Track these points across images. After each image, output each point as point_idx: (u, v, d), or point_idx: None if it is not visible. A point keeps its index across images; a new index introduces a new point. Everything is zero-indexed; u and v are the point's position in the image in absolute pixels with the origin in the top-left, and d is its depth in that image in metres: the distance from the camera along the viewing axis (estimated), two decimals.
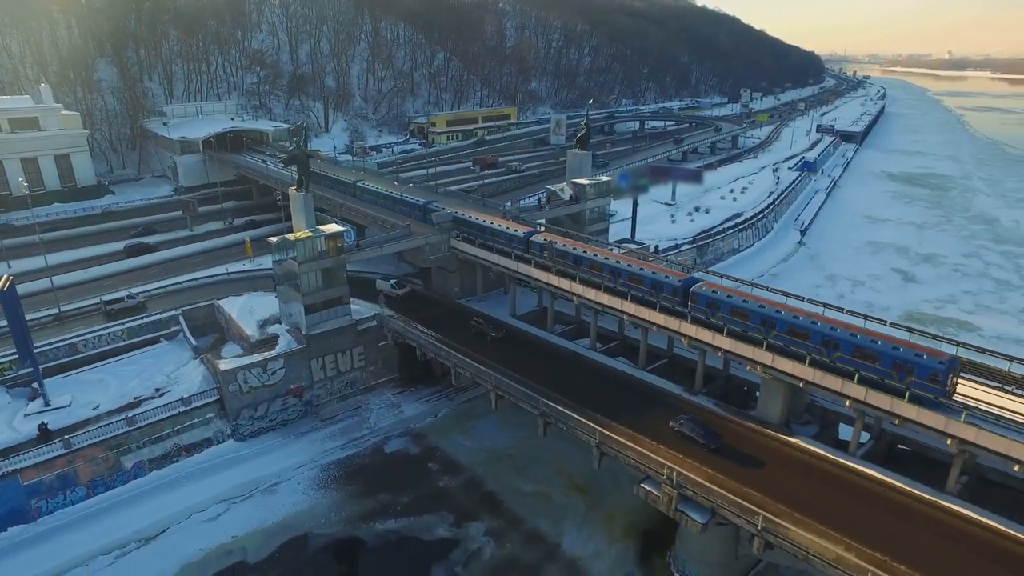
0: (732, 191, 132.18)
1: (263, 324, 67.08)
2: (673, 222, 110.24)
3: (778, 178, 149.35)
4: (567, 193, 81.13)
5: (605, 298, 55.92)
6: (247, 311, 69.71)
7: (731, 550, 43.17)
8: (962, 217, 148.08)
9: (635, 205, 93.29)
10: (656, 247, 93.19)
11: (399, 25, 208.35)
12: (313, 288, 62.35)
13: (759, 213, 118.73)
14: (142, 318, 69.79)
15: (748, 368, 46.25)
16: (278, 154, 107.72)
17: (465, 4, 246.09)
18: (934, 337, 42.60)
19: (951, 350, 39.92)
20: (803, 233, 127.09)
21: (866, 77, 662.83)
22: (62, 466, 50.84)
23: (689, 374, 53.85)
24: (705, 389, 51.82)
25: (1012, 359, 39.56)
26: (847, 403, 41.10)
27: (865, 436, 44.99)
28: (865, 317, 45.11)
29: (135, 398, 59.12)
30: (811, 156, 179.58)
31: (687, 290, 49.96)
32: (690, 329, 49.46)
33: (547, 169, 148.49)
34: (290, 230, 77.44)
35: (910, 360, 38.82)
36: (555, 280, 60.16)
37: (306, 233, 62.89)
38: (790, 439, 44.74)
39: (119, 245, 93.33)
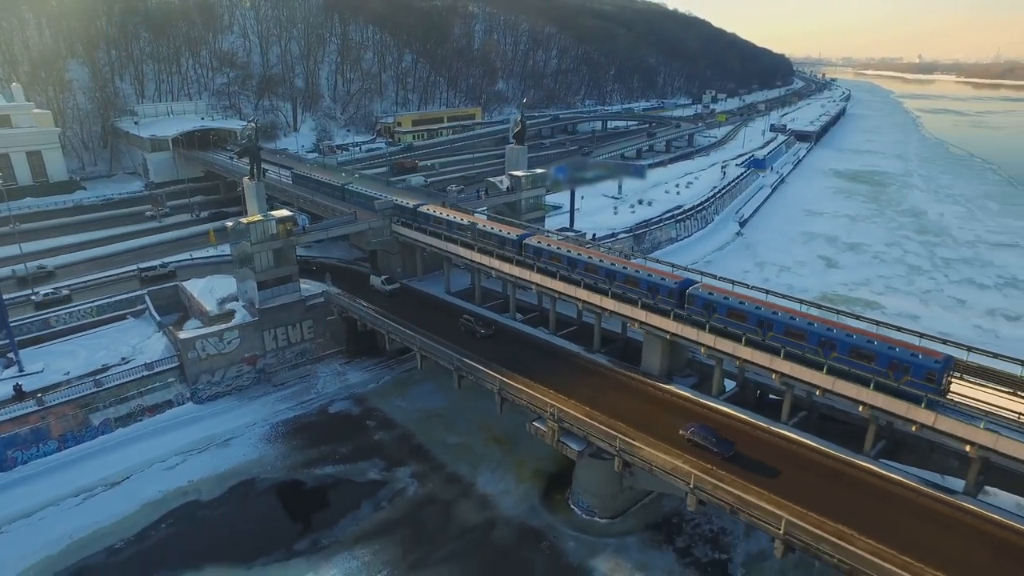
0: (678, 186, 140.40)
1: (222, 301, 73.77)
2: (615, 213, 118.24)
3: (724, 174, 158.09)
4: (505, 184, 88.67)
5: (560, 285, 60.08)
6: (208, 291, 76.30)
7: (616, 482, 50.69)
8: (893, 211, 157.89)
9: (572, 196, 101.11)
10: (593, 235, 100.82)
11: (368, 27, 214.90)
12: (265, 267, 69.35)
13: (698, 206, 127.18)
14: (110, 297, 76.09)
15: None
16: (235, 149, 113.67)
17: (435, 7, 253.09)
18: (922, 335, 43.85)
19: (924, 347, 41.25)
20: (742, 224, 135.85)
21: (833, 80, 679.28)
22: (35, 421, 57.34)
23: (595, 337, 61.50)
24: (603, 349, 59.55)
25: (970, 349, 41.66)
26: (702, 350, 48.81)
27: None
28: (857, 317, 47.87)
29: (103, 365, 65.51)
30: (761, 154, 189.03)
31: (683, 292, 50.70)
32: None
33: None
34: None
35: (906, 360, 39.70)
36: (502, 266, 66.29)
37: (258, 217, 69.80)
38: (665, 386, 52.61)
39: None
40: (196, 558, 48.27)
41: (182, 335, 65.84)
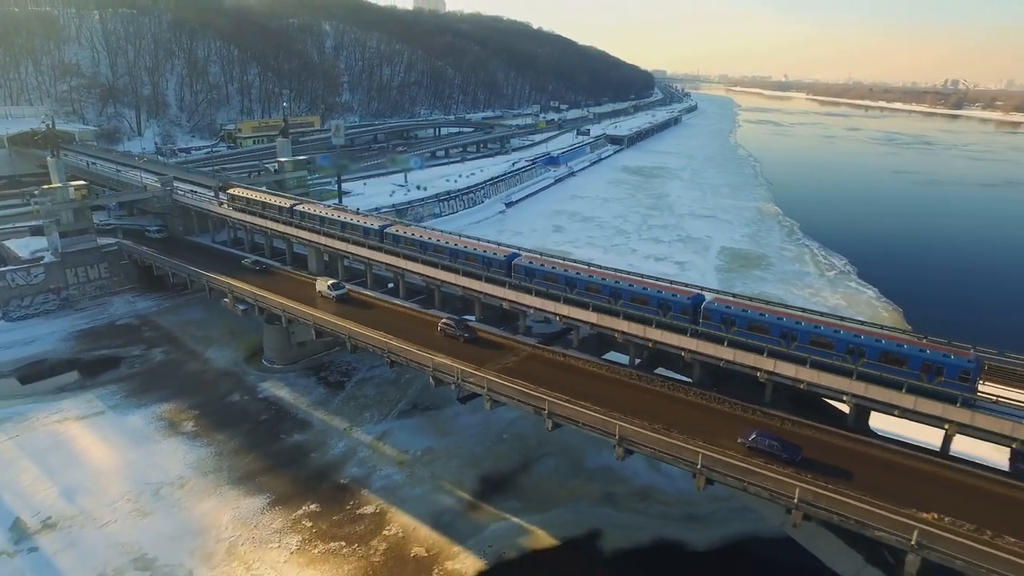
0: (460, 176, 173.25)
1: (35, 252, 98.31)
2: (391, 196, 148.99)
3: (512, 167, 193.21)
4: (274, 168, 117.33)
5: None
6: (24, 245, 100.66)
7: (286, 340, 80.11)
8: (644, 195, 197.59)
9: (339, 180, 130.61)
10: (358, 209, 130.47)
11: (215, 42, 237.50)
12: (66, 221, 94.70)
13: (465, 189, 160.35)
14: None
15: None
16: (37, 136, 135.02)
17: (289, 25, 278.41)
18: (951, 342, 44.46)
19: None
20: (508, 205, 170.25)
21: (688, 93, 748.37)
22: None
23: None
24: (294, 264, 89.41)
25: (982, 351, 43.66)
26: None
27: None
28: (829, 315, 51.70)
29: None
30: (556, 153, 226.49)
31: (697, 306, 50.77)
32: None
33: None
34: None
35: (939, 361, 40.02)
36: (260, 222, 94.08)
37: (58, 185, 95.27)
38: (316, 277, 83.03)
39: None
40: None
41: None
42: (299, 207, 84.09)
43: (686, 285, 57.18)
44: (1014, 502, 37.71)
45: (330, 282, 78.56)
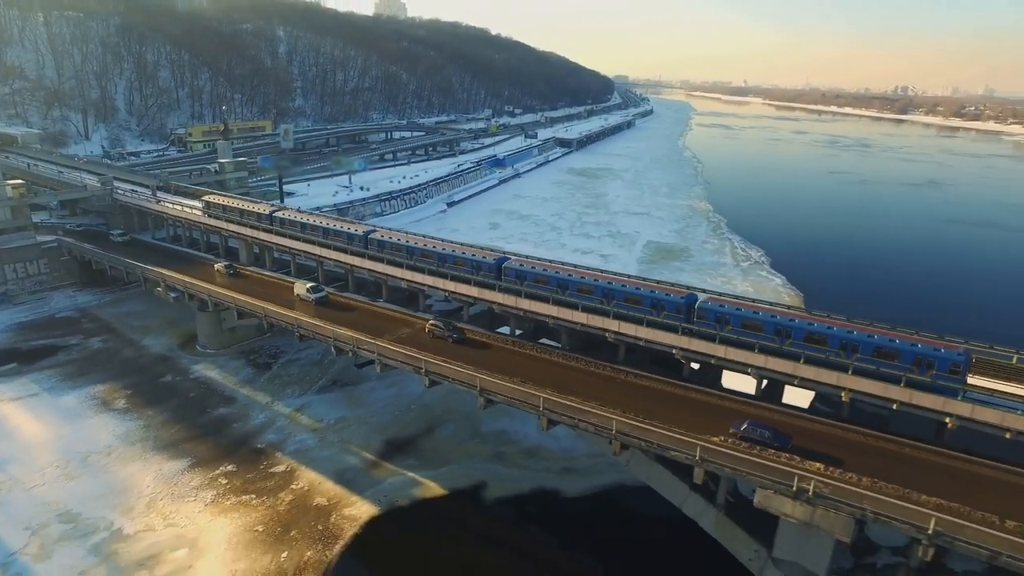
0: (404, 177, 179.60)
1: None
2: (334, 196, 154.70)
3: (457, 168, 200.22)
4: (215, 168, 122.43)
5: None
6: None
7: (217, 325, 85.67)
8: (584, 194, 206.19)
9: (281, 180, 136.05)
10: (299, 208, 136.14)
11: (166, 46, 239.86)
12: (3, 219, 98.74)
13: (406, 190, 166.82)
14: None
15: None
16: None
17: (240, 30, 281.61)
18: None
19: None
20: (450, 205, 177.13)
21: (645, 98, 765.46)
22: None
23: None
24: (258, 262, 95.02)
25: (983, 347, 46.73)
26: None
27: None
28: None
29: None
30: (502, 154, 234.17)
31: (691, 306, 51.73)
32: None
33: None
34: None
35: (930, 355, 41.35)
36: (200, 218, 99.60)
37: None
38: (251, 268, 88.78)
39: None
40: None
41: None
42: (278, 213, 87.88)
43: (679, 285, 58.56)
44: (792, 427, 45.70)
45: (308, 285, 76.77)
